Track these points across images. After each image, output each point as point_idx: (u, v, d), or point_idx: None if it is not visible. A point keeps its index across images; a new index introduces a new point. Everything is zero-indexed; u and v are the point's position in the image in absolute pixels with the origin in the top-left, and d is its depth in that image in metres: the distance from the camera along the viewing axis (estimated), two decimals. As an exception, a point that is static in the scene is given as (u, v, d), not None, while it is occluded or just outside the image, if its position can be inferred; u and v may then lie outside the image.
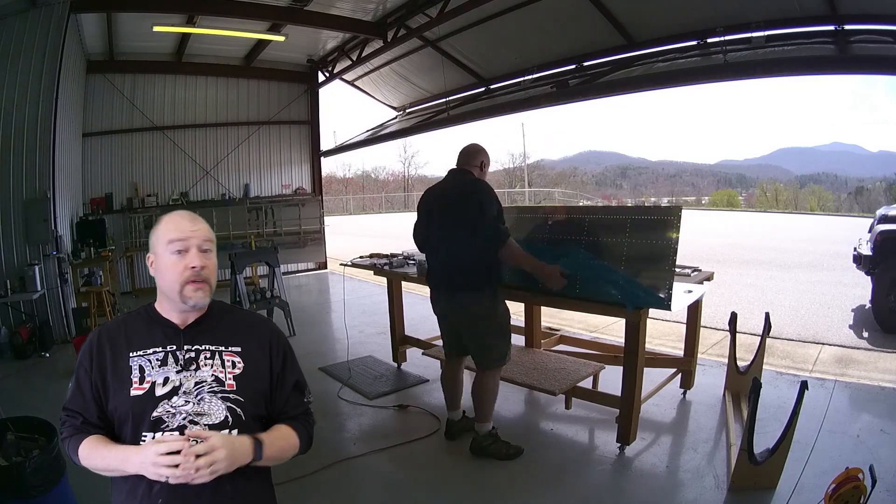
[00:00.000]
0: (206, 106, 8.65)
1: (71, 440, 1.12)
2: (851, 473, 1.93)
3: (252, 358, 1.20)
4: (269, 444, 1.14)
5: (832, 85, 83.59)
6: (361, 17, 6.91)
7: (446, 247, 2.79)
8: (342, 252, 9.65)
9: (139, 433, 1.09)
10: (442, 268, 2.84)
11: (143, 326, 1.19)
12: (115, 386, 1.12)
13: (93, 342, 1.17)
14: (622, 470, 2.68)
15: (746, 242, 12.04)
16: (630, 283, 2.66)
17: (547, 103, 6.19)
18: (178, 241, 1.15)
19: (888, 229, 5.13)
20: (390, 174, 41.49)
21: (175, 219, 1.18)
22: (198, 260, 1.15)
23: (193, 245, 1.15)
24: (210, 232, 1.20)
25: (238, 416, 1.14)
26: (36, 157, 5.04)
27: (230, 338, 1.21)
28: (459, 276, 2.74)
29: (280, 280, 5.50)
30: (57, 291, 5.23)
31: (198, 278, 1.15)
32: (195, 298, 1.15)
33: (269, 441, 1.15)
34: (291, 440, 1.22)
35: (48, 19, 5.03)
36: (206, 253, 1.17)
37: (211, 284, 1.18)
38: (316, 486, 2.57)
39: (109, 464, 1.08)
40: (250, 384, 1.18)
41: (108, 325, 1.22)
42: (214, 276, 1.20)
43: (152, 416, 1.09)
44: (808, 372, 3.83)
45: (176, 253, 1.15)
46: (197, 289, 1.15)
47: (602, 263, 2.79)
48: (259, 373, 1.20)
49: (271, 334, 1.27)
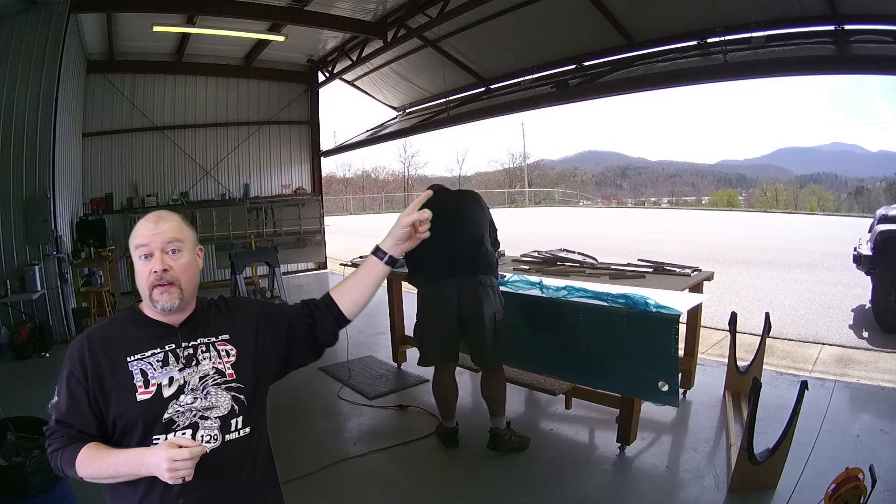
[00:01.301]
0: (206, 106, 8.65)
1: (64, 451, 1.06)
2: (851, 473, 1.93)
3: (240, 341, 1.20)
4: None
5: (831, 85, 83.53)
6: (361, 17, 6.91)
7: (463, 236, 2.79)
8: (342, 252, 9.64)
9: (149, 437, 1.06)
10: (458, 257, 2.76)
11: (135, 328, 1.15)
12: (117, 392, 1.08)
13: (83, 350, 1.10)
14: (622, 470, 2.68)
15: (746, 242, 12.03)
16: (635, 377, 2.70)
17: (547, 103, 6.20)
18: (142, 247, 1.12)
19: (888, 229, 5.13)
20: (390, 174, 41.42)
21: (141, 224, 1.14)
22: (159, 263, 1.10)
23: (156, 248, 1.11)
24: (177, 230, 1.14)
25: (242, 403, 1.15)
26: (36, 157, 5.04)
27: (218, 327, 1.21)
28: (481, 261, 2.77)
29: (280, 280, 5.51)
30: (57, 291, 5.22)
31: (161, 282, 1.10)
32: (161, 302, 1.11)
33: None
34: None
35: (48, 19, 5.03)
36: (173, 253, 1.12)
37: (181, 285, 1.12)
38: (316, 486, 2.57)
39: (118, 469, 1.03)
40: (247, 369, 1.18)
41: (93, 330, 1.16)
42: (188, 276, 1.14)
43: (164, 418, 1.07)
44: (808, 372, 3.83)
45: (142, 258, 1.12)
46: (162, 292, 1.10)
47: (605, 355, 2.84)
48: (253, 353, 1.20)
49: (245, 308, 1.27)
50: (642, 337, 2.62)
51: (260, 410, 1.21)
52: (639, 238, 12.53)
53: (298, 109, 9.51)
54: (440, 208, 3.01)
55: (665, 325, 2.53)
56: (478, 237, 2.83)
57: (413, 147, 39.39)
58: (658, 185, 41.98)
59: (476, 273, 2.75)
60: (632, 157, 51.00)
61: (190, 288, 1.16)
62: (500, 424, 2.84)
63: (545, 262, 3.99)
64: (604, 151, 55.31)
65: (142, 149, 8.14)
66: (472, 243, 2.80)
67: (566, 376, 3.12)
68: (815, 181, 35.61)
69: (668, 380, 2.56)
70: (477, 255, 2.79)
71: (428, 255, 2.81)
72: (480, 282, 2.74)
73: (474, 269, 2.76)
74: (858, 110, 58.19)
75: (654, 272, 3.51)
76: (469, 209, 2.91)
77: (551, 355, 3.09)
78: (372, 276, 1.29)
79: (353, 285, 1.31)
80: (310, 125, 9.69)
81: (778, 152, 49.20)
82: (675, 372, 2.56)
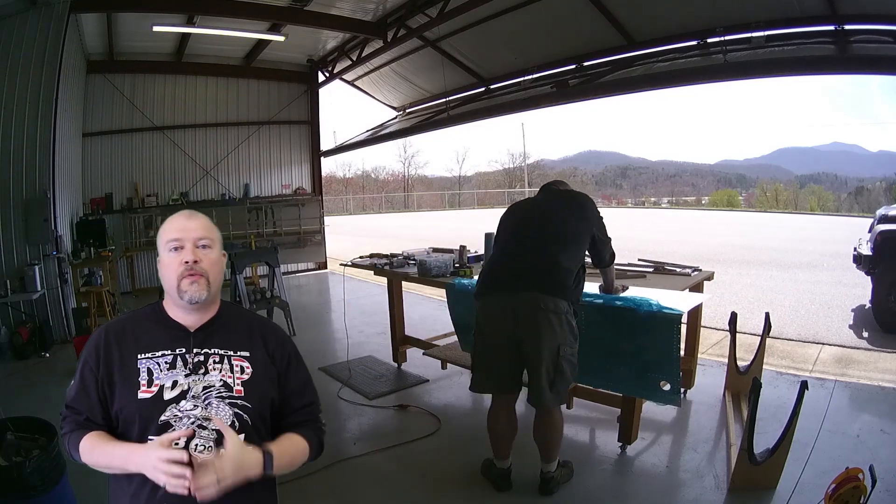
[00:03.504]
0: (206, 106, 8.65)
1: (72, 436, 1.11)
2: (851, 473, 1.93)
3: (260, 363, 1.20)
4: (279, 456, 1.13)
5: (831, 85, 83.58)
6: (361, 17, 6.91)
7: (538, 245, 2.37)
8: (342, 252, 9.64)
9: (146, 436, 1.08)
10: (523, 268, 2.35)
11: (152, 326, 1.18)
12: (122, 386, 1.11)
13: (100, 340, 1.16)
14: (623, 470, 2.68)
15: (746, 242, 12.03)
16: (640, 379, 2.68)
17: (547, 103, 6.20)
18: (174, 240, 1.17)
19: (888, 229, 5.13)
20: (390, 174, 41.45)
21: (173, 219, 1.20)
22: (191, 254, 1.15)
23: (189, 241, 1.16)
24: (208, 229, 1.20)
25: (245, 422, 1.13)
26: (36, 157, 5.03)
27: (239, 342, 1.20)
28: (551, 278, 2.29)
29: (280, 280, 5.50)
30: (57, 291, 5.22)
31: (192, 271, 1.14)
32: (190, 291, 1.14)
33: (279, 452, 1.13)
34: (301, 449, 1.21)
35: (48, 19, 5.02)
36: (203, 249, 1.17)
37: (209, 278, 1.16)
38: (316, 486, 2.57)
39: (112, 461, 1.07)
40: (258, 390, 1.17)
41: (114, 322, 1.21)
42: (216, 271, 1.19)
43: (160, 419, 1.08)
44: (808, 372, 3.83)
45: (172, 250, 1.17)
46: (192, 281, 1.14)
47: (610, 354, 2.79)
48: (267, 379, 1.20)
49: (278, 339, 1.27)
50: (644, 336, 2.61)
51: (266, 432, 1.19)
52: (639, 238, 12.52)
53: (298, 109, 9.50)
54: (527, 207, 2.68)
55: (667, 325, 2.52)
56: (557, 250, 2.33)
57: (413, 147, 39.47)
58: (658, 185, 41.96)
59: (540, 291, 2.25)
60: (632, 157, 50.99)
61: (216, 285, 1.19)
62: (552, 468, 2.45)
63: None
64: (604, 151, 55.32)
65: (142, 149, 8.13)
66: (547, 255, 2.32)
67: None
68: (815, 181, 35.59)
69: (670, 379, 2.56)
70: (547, 270, 2.29)
71: (495, 262, 2.53)
72: (543, 304, 2.24)
73: (538, 286, 2.27)
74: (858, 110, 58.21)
75: (654, 272, 3.51)
76: (563, 215, 2.45)
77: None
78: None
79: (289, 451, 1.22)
80: (310, 125, 9.68)
81: (778, 152, 49.20)
82: (678, 371, 2.56)
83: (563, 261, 2.33)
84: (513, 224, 2.55)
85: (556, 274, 2.30)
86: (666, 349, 2.54)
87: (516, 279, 2.32)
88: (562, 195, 2.61)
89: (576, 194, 2.64)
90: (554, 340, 2.25)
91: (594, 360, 2.82)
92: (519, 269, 2.35)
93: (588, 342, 2.82)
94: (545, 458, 2.45)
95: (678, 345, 2.53)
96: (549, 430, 2.40)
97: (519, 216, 2.58)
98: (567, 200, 2.56)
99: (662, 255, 4.18)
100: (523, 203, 2.75)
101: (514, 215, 2.60)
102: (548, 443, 2.42)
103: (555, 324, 2.25)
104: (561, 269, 2.32)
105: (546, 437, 2.42)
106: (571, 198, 2.59)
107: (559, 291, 2.29)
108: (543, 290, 2.26)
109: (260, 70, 8.88)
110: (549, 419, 2.39)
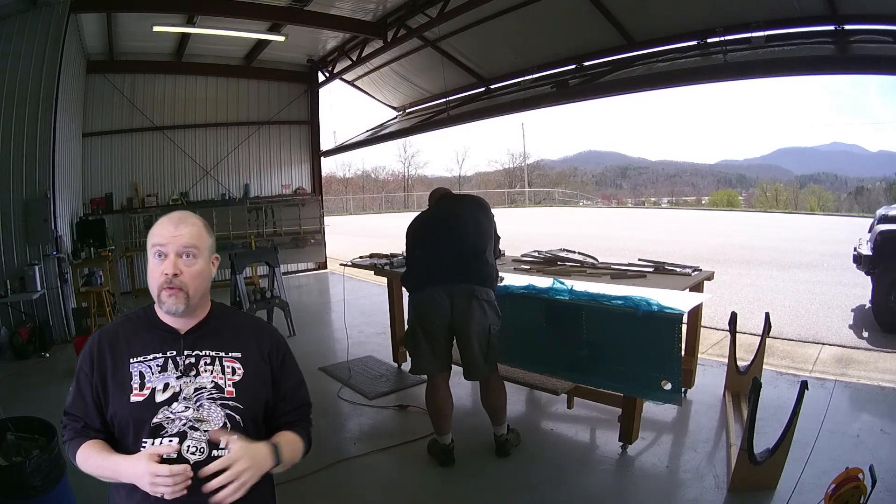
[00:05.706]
0: (206, 106, 8.65)
1: (71, 444, 1.13)
2: (851, 473, 1.93)
3: (252, 364, 1.20)
4: (283, 448, 1.15)
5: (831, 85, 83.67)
6: (361, 17, 6.91)
7: (461, 243, 2.70)
8: (342, 252, 9.64)
9: (139, 439, 1.09)
10: (453, 264, 2.67)
11: (143, 330, 1.18)
12: (115, 391, 1.12)
13: (93, 346, 1.16)
14: (623, 470, 2.68)
15: (746, 242, 12.03)
16: (641, 378, 2.70)
17: (547, 103, 6.20)
18: (159, 246, 1.14)
19: (888, 229, 5.13)
20: (390, 174, 41.44)
21: (162, 222, 1.17)
22: (171, 267, 1.12)
23: (172, 251, 1.13)
24: (196, 236, 1.15)
25: (237, 423, 1.13)
26: (36, 157, 5.04)
27: (230, 343, 1.20)
28: (478, 271, 2.67)
29: (280, 280, 5.50)
30: (57, 291, 5.22)
31: (170, 285, 1.12)
32: (168, 304, 1.13)
33: (282, 445, 1.15)
34: (298, 444, 1.23)
35: (48, 19, 5.03)
36: (187, 258, 1.14)
37: (188, 292, 1.13)
38: (316, 486, 2.57)
39: (103, 472, 1.09)
40: (250, 391, 1.17)
41: (107, 328, 1.21)
42: (197, 284, 1.15)
43: (152, 422, 1.09)
44: (808, 372, 3.83)
45: (157, 256, 1.14)
46: (170, 295, 1.12)
47: (610, 353, 2.84)
48: (259, 379, 1.20)
49: (271, 339, 1.26)
50: (645, 336, 2.62)
51: (258, 433, 1.18)
52: (639, 238, 12.53)
53: (298, 109, 9.51)
54: (441, 212, 3.02)
55: (668, 325, 2.53)
56: (478, 246, 2.72)
57: (413, 147, 39.46)
58: (658, 185, 41.98)
59: (471, 283, 2.65)
60: (632, 157, 51.04)
61: (198, 295, 1.17)
62: (504, 430, 2.81)
63: (545, 262, 3.99)
64: (604, 151, 55.35)
65: (142, 149, 8.14)
66: (471, 251, 2.70)
67: (569, 376, 3.11)
68: (815, 181, 35.60)
69: (671, 379, 2.56)
70: (474, 264, 2.68)
71: (423, 260, 2.80)
72: (474, 293, 2.63)
73: (469, 278, 2.65)
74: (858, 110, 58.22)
75: (654, 272, 3.51)
76: (472, 215, 2.80)
77: (554, 355, 3.09)
78: None
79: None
80: (310, 125, 9.69)
81: (778, 152, 49.22)
82: (679, 371, 2.57)
83: (489, 257, 2.76)
84: (430, 230, 2.85)
85: (486, 268, 2.72)
86: (667, 349, 2.55)
87: (453, 273, 2.67)
88: (466, 200, 3.02)
89: (476, 197, 3.07)
90: (486, 322, 2.66)
91: (595, 360, 2.84)
92: (453, 264, 2.68)
93: (589, 342, 2.84)
94: (496, 421, 2.79)
95: (679, 344, 2.54)
96: (494, 395, 2.77)
97: (435, 223, 2.88)
98: (472, 204, 2.93)
99: (662, 255, 4.18)
100: (432, 212, 3.00)
101: (430, 223, 2.89)
102: (496, 407, 2.78)
103: (487, 309, 2.67)
104: (488, 264, 2.74)
105: (493, 403, 2.78)
106: (475, 201, 2.99)
107: (488, 282, 2.72)
108: (476, 282, 2.67)
109: (260, 70, 8.88)
110: (492, 386, 2.77)
